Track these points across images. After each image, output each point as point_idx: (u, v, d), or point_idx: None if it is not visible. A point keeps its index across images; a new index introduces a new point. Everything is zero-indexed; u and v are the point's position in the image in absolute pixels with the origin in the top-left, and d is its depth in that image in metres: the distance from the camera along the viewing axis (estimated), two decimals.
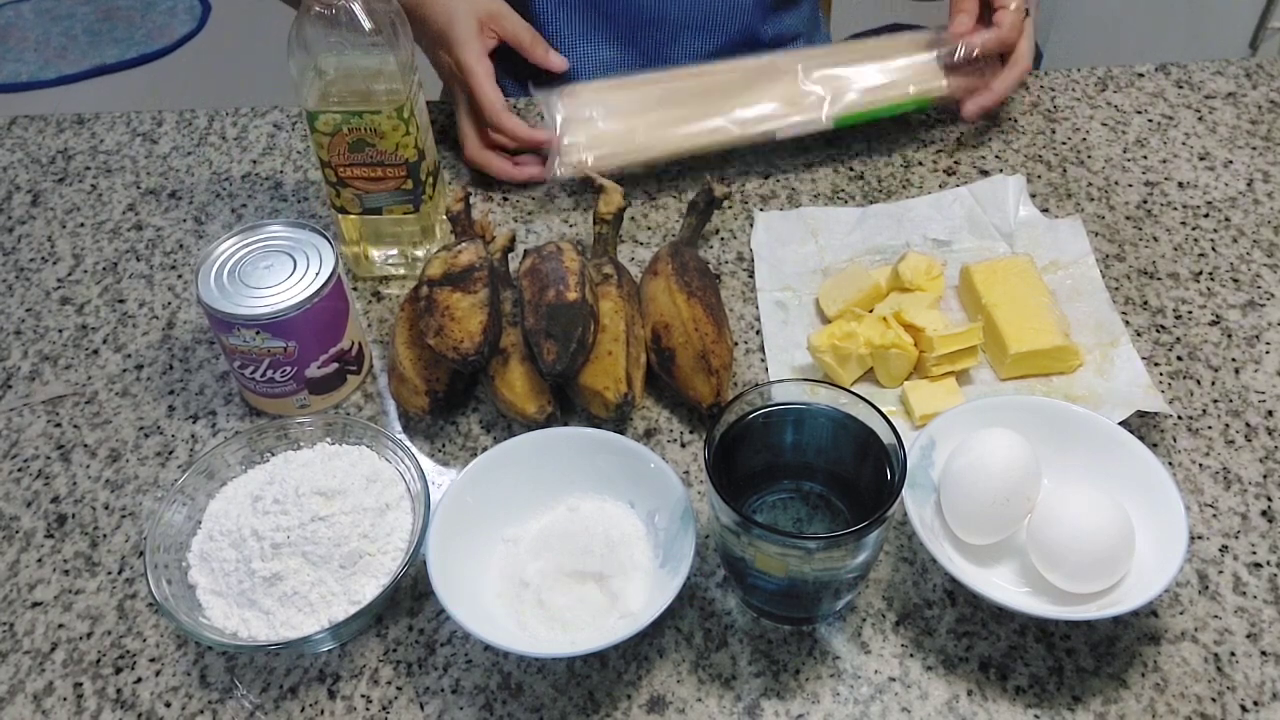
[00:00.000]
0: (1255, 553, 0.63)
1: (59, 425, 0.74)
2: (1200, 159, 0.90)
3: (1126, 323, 0.76)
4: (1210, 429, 0.70)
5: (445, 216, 0.77)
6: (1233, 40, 1.84)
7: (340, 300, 0.71)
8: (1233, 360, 0.74)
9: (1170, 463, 0.68)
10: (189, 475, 0.64)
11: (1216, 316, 0.77)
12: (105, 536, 0.67)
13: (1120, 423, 0.64)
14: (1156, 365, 0.74)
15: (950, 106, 0.91)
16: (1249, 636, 0.60)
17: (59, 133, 0.99)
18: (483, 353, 0.68)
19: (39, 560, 0.66)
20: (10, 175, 0.95)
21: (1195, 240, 0.83)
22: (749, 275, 0.81)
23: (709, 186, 0.80)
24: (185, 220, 0.90)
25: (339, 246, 0.78)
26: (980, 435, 0.61)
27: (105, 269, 0.86)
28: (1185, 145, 0.92)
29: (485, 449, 0.65)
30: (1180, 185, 0.88)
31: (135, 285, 0.84)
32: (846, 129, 0.89)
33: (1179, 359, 0.74)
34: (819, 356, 0.71)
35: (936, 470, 0.62)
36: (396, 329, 0.73)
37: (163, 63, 2.68)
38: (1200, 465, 0.68)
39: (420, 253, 0.81)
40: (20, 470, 0.72)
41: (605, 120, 0.86)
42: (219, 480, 0.65)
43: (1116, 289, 0.79)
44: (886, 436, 0.57)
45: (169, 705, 0.59)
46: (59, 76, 2.63)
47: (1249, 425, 0.70)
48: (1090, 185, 0.88)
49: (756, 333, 0.77)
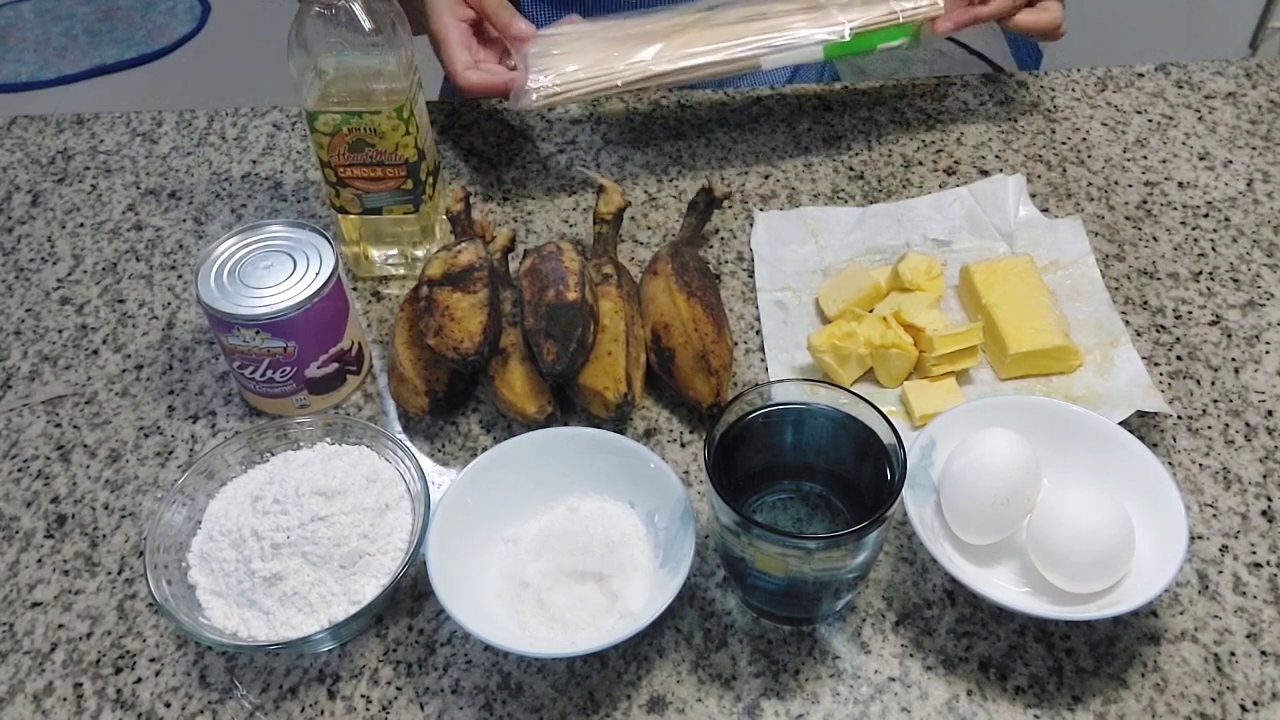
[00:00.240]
0: (1255, 553, 0.63)
1: (59, 425, 0.74)
2: (1200, 159, 0.90)
3: (1126, 323, 0.76)
4: (1210, 429, 0.70)
5: (445, 216, 0.77)
6: (1233, 40, 1.84)
7: (340, 300, 0.71)
8: (1233, 360, 0.74)
9: (1170, 463, 0.68)
10: (189, 475, 0.64)
11: (1216, 316, 0.77)
12: (105, 537, 0.67)
13: (1120, 423, 0.64)
14: (1156, 365, 0.74)
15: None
16: (1249, 636, 0.60)
17: (59, 133, 0.99)
18: (482, 353, 0.68)
19: (39, 560, 0.66)
20: (10, 175, 0.95)
21: (1195, 240, 0.83)
22: (749, 275, 0.81)
23: (709, 186, 0.80)
24: (185, 220, 0.90)
25: (339, 246, 0.78)
26: (980, 435, 0.61)
27: (105, 269, 0.86)
28: (1185, 145, 0.92)
29: (485, 449, 0.65)
30: (1180, 185, 0.88)
31: (135, 285, 0.84)
32: (839, 64, 0.81)
33: (1179, 359, 0.74)
34: (819, 356, 0.71)
35: (936, 470, 0.62)
36: (396, 329, 0.73)
37: (162, 63, 2.68)
38: (1200, 465, 0.68)
39: (420, 253, 0.81)
40: (20, 470, 0.72)
41: (577, 55, 0.83)
42: (219, 480, 0.65)
43: (1116, 289, 0.79)
44: (886, 436, 0.57)
45: (169, 705, 0.59)
46: (59, 76, 2.62)
47: (1249, 425, 0.70)
48: (1090, 185, 0.88)
49: (756, 333, 0.77)
